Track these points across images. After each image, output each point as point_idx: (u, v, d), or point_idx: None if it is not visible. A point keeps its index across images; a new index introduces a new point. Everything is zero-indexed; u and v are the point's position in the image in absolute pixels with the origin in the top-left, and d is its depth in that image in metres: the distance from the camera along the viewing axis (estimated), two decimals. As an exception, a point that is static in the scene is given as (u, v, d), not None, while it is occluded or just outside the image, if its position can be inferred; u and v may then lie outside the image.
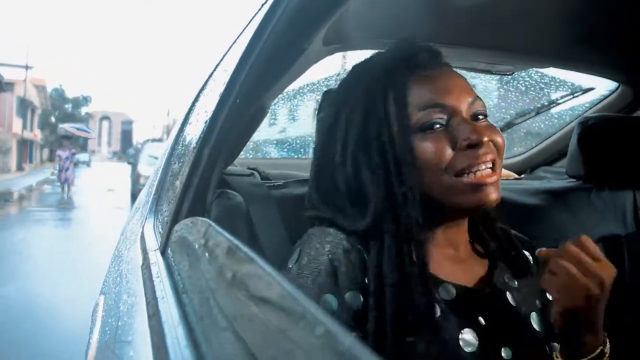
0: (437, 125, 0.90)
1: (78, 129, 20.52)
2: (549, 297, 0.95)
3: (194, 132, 1.26)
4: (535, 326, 0.95)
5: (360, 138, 0.93)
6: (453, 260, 0.96)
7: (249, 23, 1.13)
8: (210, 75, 1.50)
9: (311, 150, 1.11)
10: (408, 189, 0.88)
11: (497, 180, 0.90)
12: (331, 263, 0.84)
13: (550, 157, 2.12)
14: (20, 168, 26.97)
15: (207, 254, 0.67)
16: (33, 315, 4.38)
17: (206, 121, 1.03)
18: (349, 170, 0.93)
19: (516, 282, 0.99)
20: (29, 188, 17.03)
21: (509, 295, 0.96)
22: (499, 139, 0.91)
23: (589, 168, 1.57)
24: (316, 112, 1.18)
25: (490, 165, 0.89)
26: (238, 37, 1.22)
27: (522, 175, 2.08)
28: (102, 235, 7.08)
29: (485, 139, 0.88)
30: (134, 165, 12.83)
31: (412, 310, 0.83)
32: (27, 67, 28.49)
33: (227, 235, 0.61)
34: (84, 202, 13.69)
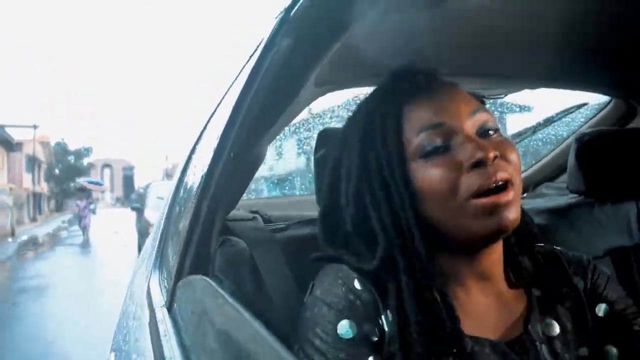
0: (439, 149, 0.82)
1: (90, 182, 24.02)
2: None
3: (192, 185, 1.26)
4: None
5: (362, 174, 0.89)
6: (473, 305, 0.86)
7: (239, 73, 1.14)
8: (205, 127, 1.50)
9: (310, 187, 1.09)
10: (414, 222, 0.83)
11: (513, 199, 0.79)
12: (346, 295, 0.81)
13: (551, 173, 2.13)
14: (33, 219, 28.59)
15: (210, 314, 0.67)
16: (76, 282, 9.21)
17: (202, 176, 1.03)
18: (354, 209, 0.89)
19: (558, 328, 0.86)
20: (48, 235, 20.49)
21: (544, 348, 0.83)
22: (511, 155, 0.82)
23: (589, 183, 1.57)
24: (313, 152, 1.19)
25: (503, 183, 0.79)
26: (229, 88, 1.23)
27: (525, 195, 2.08)
28: (112, 260, 12.02)
29: (492, 154, 0.79)
30: (140, 211, 11.47)
31: (441, 347, 0.78)
32: (35, 127, 30.08)
33: (228, 297, 0.61)
34: (97, 242, 17.22)
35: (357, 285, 0.83)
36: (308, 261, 0.95)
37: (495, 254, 0.87)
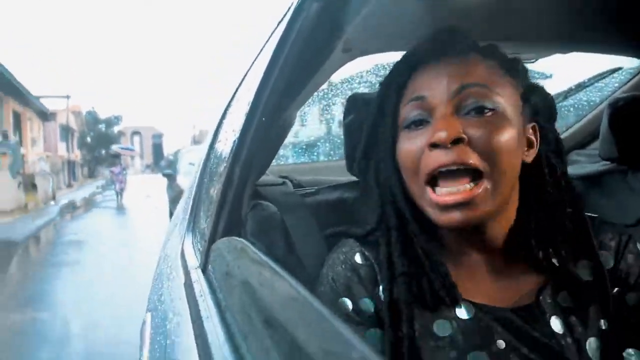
0: (419, 122, 0.81)
1: (122, 148, 27.74)
2: None
3: (224, 150, 1.28)
4: (592, 355, 0.79)
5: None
6: (480, 274, 0.85)
7: (269, 39, 1.15)
8: (235, 93, 1.51)
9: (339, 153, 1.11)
10: (398, 190, 0.85)
11: (480, 195, 0.76)
12: (345, 273, 0.85)
13: (582, 140, 2.08)
14: (69, 185, 29.98)
15: (244, 274, 0.69)
16: (112, 237, 10.98)
17: (234, 141, 1.04)
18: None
19: (572, 301, 0.83)
20: (85, 199, 22.06)
21: (554, 319, 0.81)
22: (495, 140, 0.76)
23: (622, 149, 1.54)
24: (343, 117, 1.20)
25: (456, 168, 0.76)
26: (259, 54, 1.24)
27: None
28: (146, 219, 13.55)
29: (451, 137, 0.75)
30: (172, 177, 11.40)
31: (429, 295, 0.80)
32: (67, 97, 30.83)
33: (262, 256, 0.63)
34: (131, 204, 18.87)
35: (357, 259, 0.86)
36: (338, 225, 0.97)
37: (495, 230, 0.83)
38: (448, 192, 0.76)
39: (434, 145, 0.77)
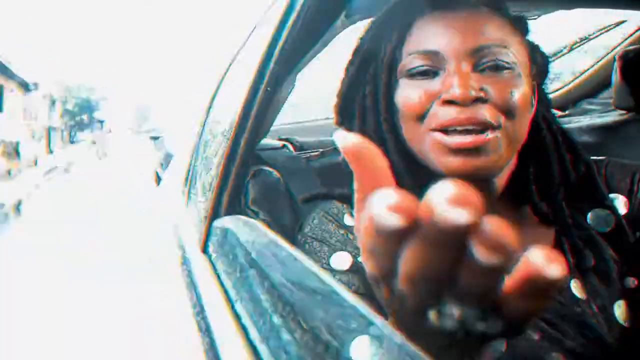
0: (426, 72, 0.76)
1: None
2: None
3: (224, 121, 1.22)
4: (621, 319, 0.73)
5: (355, 85, 0.86)
6: None
7: (269, 8, 1.10)
8: (230, 65, 1.45)
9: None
10: (390, 137, 0.80)
11: (492, 143, 0.72)
12: (337, 231, 0.81)
13: (591, 90, 2.04)
14: (50, 151, 31.35)
15: (253, 258, 0.62)
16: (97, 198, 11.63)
17: (237, 112, 0.99)
18: (343, 122, 0.88)
19: (592, 259, 0.77)
20: (67, 163, 23.24)
21: (573, 283, 0.75)
22: (513, 99, 0.73)
23: (638, 98, 1.51)
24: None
25: (472, 128, 0.72)
26: (258, 23, 1.19)
27: (567, 112, 2.00)
28: (129, 180, 13.76)
29: (469, 95, 0.71)
30: (157, 140, 11.01)
31: None
32: (48, 66, 31.56)
33: (273, 236, 0.56)
34: (113, 167, 20.39)
35: (347, 221, 0.82)
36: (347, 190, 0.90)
37: (496, 185, 0.79)
38: (458, 135, 0.72)
39: (450, 102, 0.72)
